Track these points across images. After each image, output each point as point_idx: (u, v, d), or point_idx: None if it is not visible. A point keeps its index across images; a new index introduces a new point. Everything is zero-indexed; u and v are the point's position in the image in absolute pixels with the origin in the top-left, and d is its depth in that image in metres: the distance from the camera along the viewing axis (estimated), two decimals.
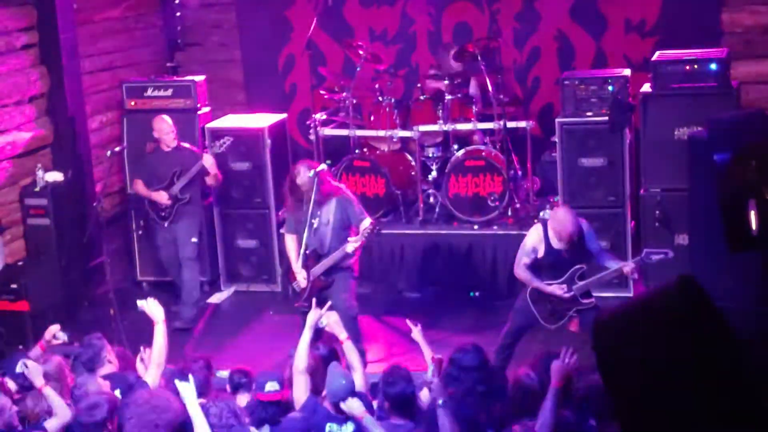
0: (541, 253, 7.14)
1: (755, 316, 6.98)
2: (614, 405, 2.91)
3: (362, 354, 7.84)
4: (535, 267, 7.18)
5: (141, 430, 5.19)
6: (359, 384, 5.92)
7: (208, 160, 9.07)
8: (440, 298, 9.40)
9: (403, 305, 9.23)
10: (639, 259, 7.16)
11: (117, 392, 6.02)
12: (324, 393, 5.76)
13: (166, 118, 9.24)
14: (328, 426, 5.63)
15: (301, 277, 7.84)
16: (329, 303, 6.99)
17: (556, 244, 7.07)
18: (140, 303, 6.57)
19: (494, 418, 5.70)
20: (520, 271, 7.22)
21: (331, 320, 6.33)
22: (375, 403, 5.86)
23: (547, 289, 7.10)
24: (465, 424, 5.46)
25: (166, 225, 9.20)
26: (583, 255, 7.15)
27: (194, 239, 9.25)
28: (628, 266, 7.09)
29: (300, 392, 5.93)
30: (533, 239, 7.19)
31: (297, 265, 7.91)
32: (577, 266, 7.08)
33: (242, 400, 6.10)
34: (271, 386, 5.91)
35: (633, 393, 2.79)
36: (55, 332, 6.60)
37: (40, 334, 6.83)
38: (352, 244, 7.62)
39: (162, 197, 9.13)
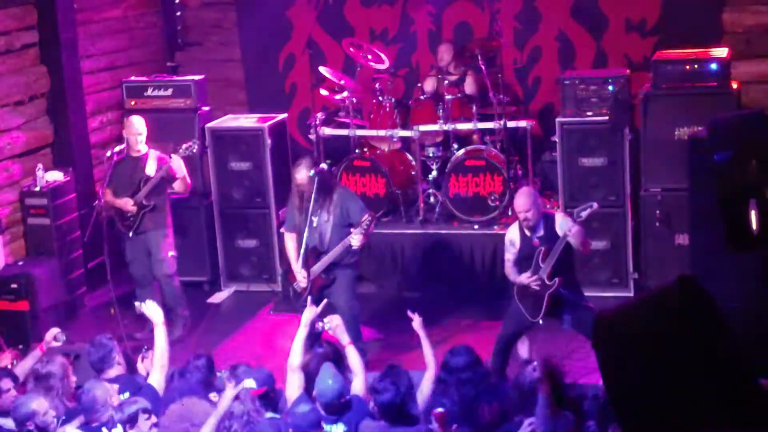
0: (518, 245, 7.24)
1: (755, 316, 6.97)
2: (614, 404, 2.91)
3: (363, 353, 7.85)
4: (519, 262, 7.26)
5: None
6: (359, 389, 5.91)
7: (176, 161, 8.57)
8: (440, 297, 9.40)
9: (403, 305, 9.19)
10: (570, 219, 7.12)
11: (125, 395, 6.02)
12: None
13: (136, 119, 8.82)
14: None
15: (301, 277, 7.84)
16: (324, 301, 7.00)
17: (529, 232, 7.19)
18: (138, 305, 6.60)
19: (486, 418, 5.70)
20: (507, 270, 7.34)
21: (334, 324, 6.32)
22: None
23: (518, 280, 7.16)
24: (456, 422, 5.46)
25: (131, 235, 8.69)
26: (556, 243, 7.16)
27: (171, 253, 8.75)
28: (563, 232, 7.05)
29: (293, 390, 5.93)
30: (510, 233, 7.35)
31: (296, 265, 7.91)
32: (538, 249, 7.11)
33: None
34: (248, 384, 5.88)
35: (633, 392, 2.79)
36: (55, 334, 6.60)
37: (40, 334, 6.84)
38: (355, 236, 7.60)
39: (127, 204, 8.62)
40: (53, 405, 5.87)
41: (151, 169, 8.64)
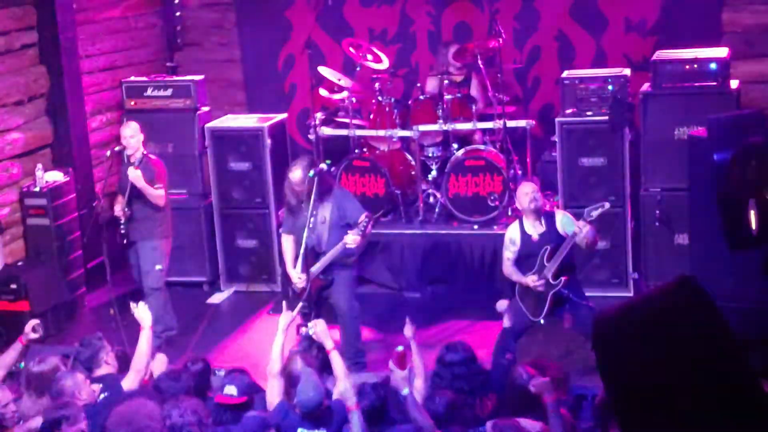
0: (518, 243, 7.26)
1: (755, 315, 6.98)
2: (613, 405, 2.91)
3: (361, 354, 7.86)
4: (519, 261, 7.26)
5: None
6: (341, 394, 5.91)
7: (131, 173, 8.26)
8: (440, 297, 9.40)
9: (403, 305, 9.22)
10: (582, 220, 7.13)
11: (102, 396, 6.01)
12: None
13: (128, 124, 8.65)
14: (299, 431, 5.62)
15: (297, 278, 7.80)
16: (300, 305, 6.97)
17: (529, 230, 7.22)
18: (133, 306, 6.62)
19: (479, 414, 5.71)
20: (506, 268, 7.35)
21: (319, 329, 6.30)
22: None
23: (523, 281, 7.16)
24: (447, 418, 5.47)
25: (125, 242, 8.48)
26: (559, 242, 7.15)
27: (159, 266, 8.45)
28: (573, 231, 7.05)
29: (273, 395, 5.90)
30: (510, 232, 7.40)
31: (293, 270, 7.87)
32: (544, 248, 7.11)
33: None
34: (229, 390, 5.87)
35: (632, 393, 2.79)
36: (33, 326, 6.59)
37: (41, 334, 6.83)
38: (351, 236, 7.58)
39: (117, 210, 8.46)
40: (45, 405, 5.88)
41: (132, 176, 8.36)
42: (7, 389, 5.89)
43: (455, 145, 9.78)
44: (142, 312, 6.50)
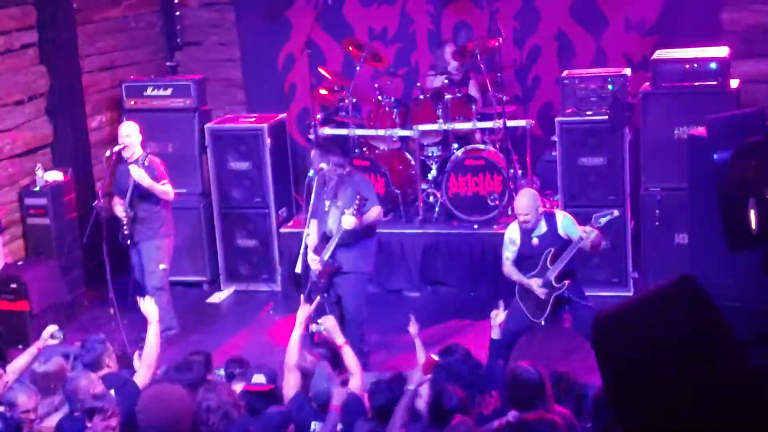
0: (518, 243, 7.22)
1: (755, 315, 6.97)
2: (614, 404, 2.91)
3: (364, 355, 7.85)
4: (519, 261, 7.24)
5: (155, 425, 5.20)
6: (356, 388, 5.94)
7: (135, 172, 8.29)
8: (440, 297, 9.40)
9: (403, 305, 9.22)
10: (589, 225, 7.11)
11: (111, 392, 6.02)
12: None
13: (125, 124, 8.67)
14: (313, 424, 5.65)
15: (314, 264, 7.77)
16: (317, 299, 6.96)
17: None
18: (139, 300, 6.63)
19: (482, 411, 5.71)
20: (506, 268, 7.31)
21: (328, 325, 6.33)
22: None
23: (524, 282, 7.14)
24: (445, 419, 5.48)
25: (129, 243, 8.51)
26: (561, 244, 7.14)
27: (163, 266, 8.49)
28: (579, 236, 7.03)
29: (289, 388, 5.96)
30: (510, 231, 7.33)
31: (310, 253, 7.84)
32: (546, 250, 7.10)
33: (237, 388, 6.13)
34: (258, 379, 5.93)
35: (633, 392, 2.79)
36: (52, 332, 6.59)
37: (40, 334, 6.83)
38: (347, 218, 7.47)
39: (119, 211, 8.49)
40: (55, 403, 5.88)
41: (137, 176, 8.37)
42: (34, 395, 5.85)
43: (455, 145, 9.79)
44: (148, 306, 6.49)
